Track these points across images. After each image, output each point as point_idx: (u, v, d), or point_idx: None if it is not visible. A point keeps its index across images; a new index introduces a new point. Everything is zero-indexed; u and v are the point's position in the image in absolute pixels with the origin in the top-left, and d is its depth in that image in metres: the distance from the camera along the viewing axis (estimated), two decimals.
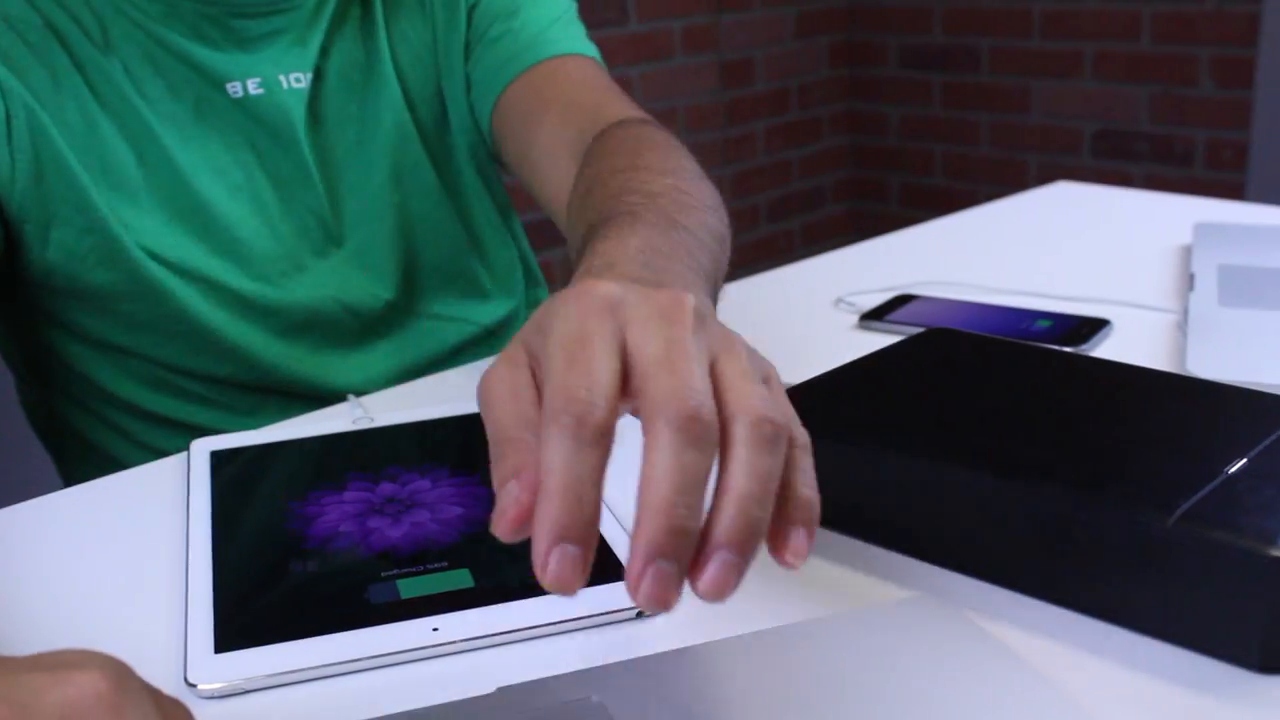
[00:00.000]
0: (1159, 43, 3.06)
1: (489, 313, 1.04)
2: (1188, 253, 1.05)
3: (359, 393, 0.90)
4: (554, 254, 2.88)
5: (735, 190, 3.50)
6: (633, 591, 0.39)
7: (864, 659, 0.47)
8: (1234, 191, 3.02)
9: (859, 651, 0.48)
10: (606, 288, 0.43)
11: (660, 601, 0.38)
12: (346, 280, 0.94)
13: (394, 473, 0.68)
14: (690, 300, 0.42)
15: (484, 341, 1.03)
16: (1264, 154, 2.93)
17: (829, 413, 0.60)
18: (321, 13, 0.90)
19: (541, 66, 0.93)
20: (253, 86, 0.88)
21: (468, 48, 0.95)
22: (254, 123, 0.89)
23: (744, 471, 0.40)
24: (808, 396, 0.63)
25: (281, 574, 0.57)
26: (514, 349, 0.45)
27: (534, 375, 0.43)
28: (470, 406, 0.76)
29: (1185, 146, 3.08)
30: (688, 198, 0.65)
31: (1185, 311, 0.87)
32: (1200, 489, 0.50)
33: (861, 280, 1.02)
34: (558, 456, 0.39)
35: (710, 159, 3.41)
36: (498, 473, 0.41)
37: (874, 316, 0.89)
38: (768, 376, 0.45)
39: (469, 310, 1.03)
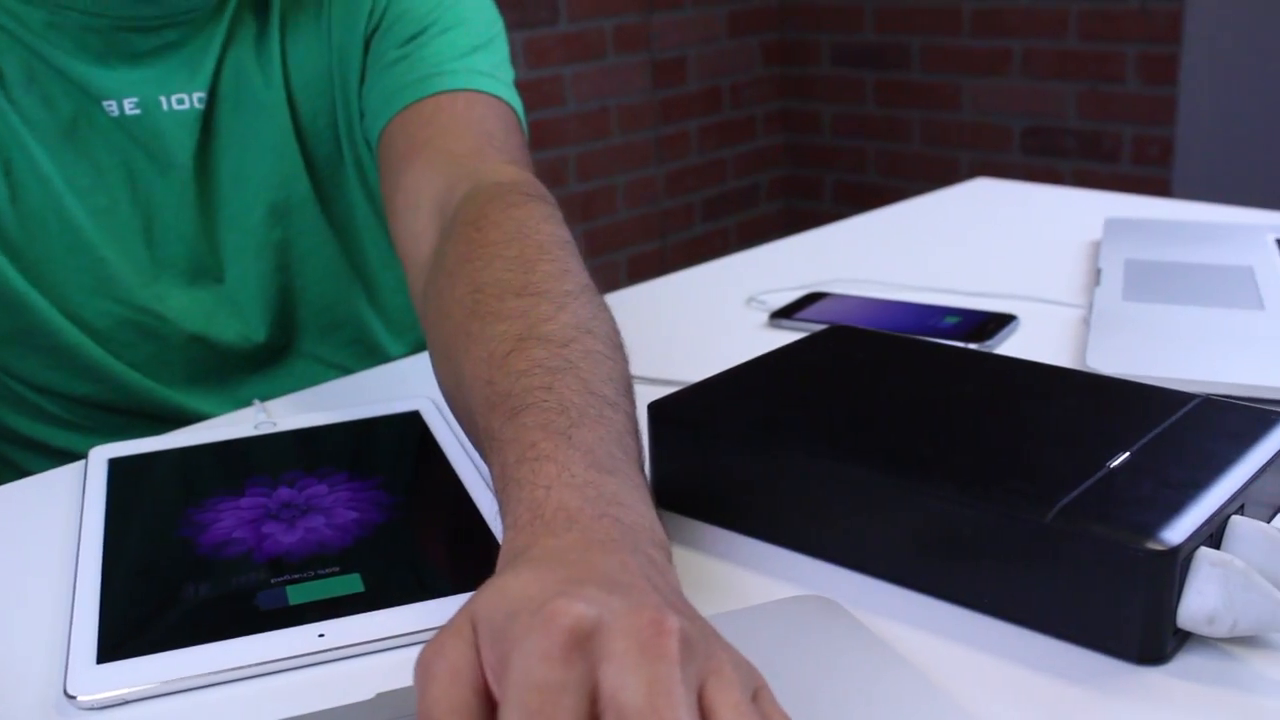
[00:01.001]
0: (1086, 40, 3.10)
1: (375, 364, 0.99)
2: (1099, 248, 1.06)
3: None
4: None
5: (669, 190, 3.50)
6: None
7: (748, 658, 0.47)
8: (1160, 187, 3.06)
9: (743, 650, 0.48)
10: (576, 613, 0.37)
11: None
12: (213, 318, 0.90)
13: (292, 478, 0.67)
14: (673, 624, 0.38)
15: None
16: (1188, 149, 2.97)
17: (720, 410, 0.60)
18: (216, 26, 0.84)
19: (427, 102, 0.84)
20: (129, 106, 0.83)
21: (363, 75, 0.88)
22: (132, 144, 0.84)
23: None
24: (701, 395, 0.63)
25: (170, 582, 0.56)
26: (461, 622, 0.40)
27: (479, 655, 0.39)
28: (371, 410, 0.76)
29: (1112, 142, 3.12)
30: (594, 342, 0.58)
31: (1091, 306, 0.88)
32: (1081, 484, 0.50)
33: (778, 278, 1.02)
34: None
35: (643, 158, 3.42)
36: None
37: (783, 315, 0.90)
38: (757, 689, 0.40)
39: (351, 361, 0.98)
